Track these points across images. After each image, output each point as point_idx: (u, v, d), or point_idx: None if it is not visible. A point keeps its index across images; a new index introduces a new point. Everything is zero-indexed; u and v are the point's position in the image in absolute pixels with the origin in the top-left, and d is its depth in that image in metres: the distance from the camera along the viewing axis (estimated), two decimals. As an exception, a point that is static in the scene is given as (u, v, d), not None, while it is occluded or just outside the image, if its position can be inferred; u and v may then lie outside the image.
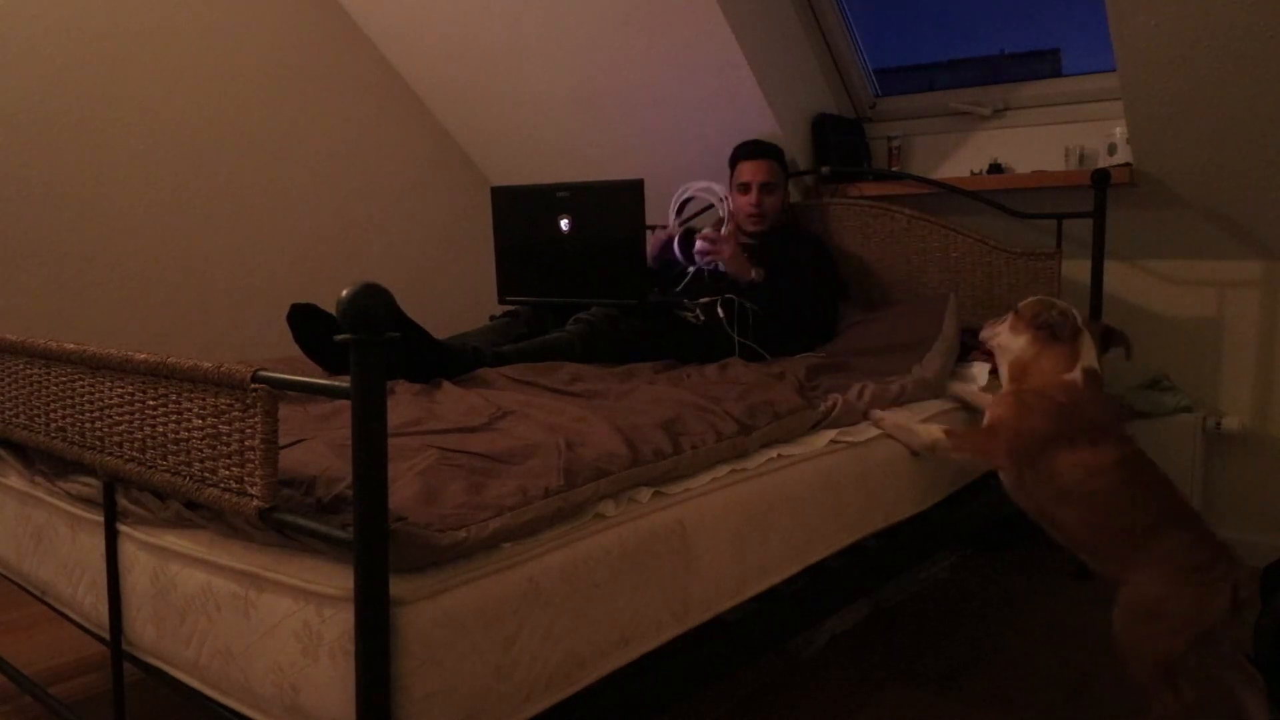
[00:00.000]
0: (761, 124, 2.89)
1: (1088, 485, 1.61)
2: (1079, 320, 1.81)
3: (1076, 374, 1.75)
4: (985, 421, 1.80)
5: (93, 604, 1.30)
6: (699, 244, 2.51)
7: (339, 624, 0.95)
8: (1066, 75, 2.81)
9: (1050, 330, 1.78)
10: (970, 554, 2.74)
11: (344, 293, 0.84)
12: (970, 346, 2.35)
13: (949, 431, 1.80)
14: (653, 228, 3.36)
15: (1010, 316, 1.88)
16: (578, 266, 2.24)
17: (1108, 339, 1.89)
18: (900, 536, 1.82)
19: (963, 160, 2.95)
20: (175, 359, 1.09)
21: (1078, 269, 2.76)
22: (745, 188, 2.68)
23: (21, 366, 1.38)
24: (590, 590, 1.14)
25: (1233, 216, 2.46)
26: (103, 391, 1.21)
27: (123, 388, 1.18)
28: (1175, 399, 2.64)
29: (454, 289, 3.65)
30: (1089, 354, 1.78)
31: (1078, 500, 1.62)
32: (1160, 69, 2.14)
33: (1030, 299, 1.89)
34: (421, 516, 0.99)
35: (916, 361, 2.13)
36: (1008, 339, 1.85)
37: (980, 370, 2.23)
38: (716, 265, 2.51)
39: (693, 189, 2.66)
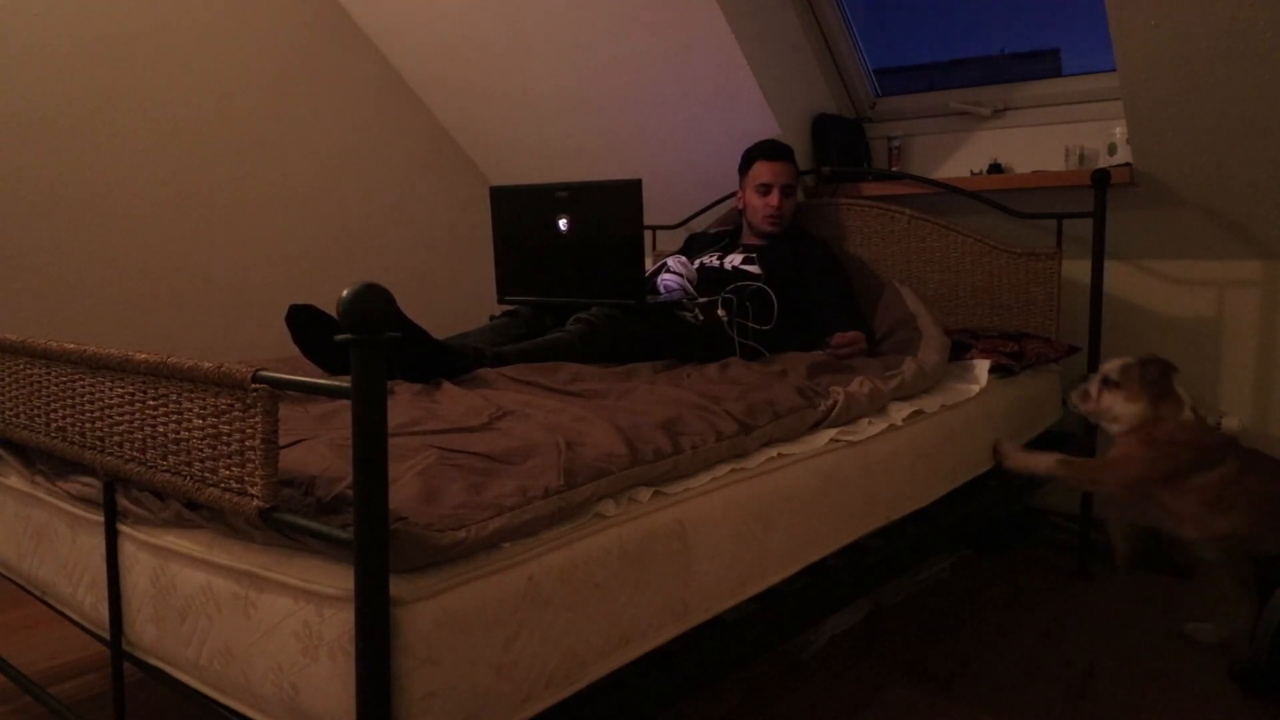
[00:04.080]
0: (761, 124, 2.89)
1: (1234, 493, 1.90)
2: (1170, 367, 2.06)
3: (1188, 413, 2.01)
4: (1111, 456, 2.07)
5: (93, 604, 1.30)
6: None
7: (339, 624, 0.95)
8: (1066, 75, 2.81)
9: (1159, 388, 2.03)
10: (970, 554, 2.74)
11: (344, 293, 0.84)
12: (965, 345, 2.36)
13: (1063, 461, 2.08)
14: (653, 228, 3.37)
15: (1111, 388, 2.08)
16: (577, 266, 2.24)
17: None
18: (900, 536, 1.82)
19: (963, 160, 2.95)
20: (175, 359, 1.09)
21: (1078, 269, 2.76)
22: (766, 189, 2.65)
23: (21, 366, 1.38)
24: (590, 590, 1.14)
25: (1233, 216, 2.46)
26: (103, 391, 1.21)
27: (123, 388, 1.18)
28: (1175, 399, 2.64)
29: (454, 289, 3.65)
30: (1184, 393, 2.04)
31: (1237, 505, 1.90)
32: (1160, 69, 2.14)
33: (1119, 363, 2.09)
34: (421, 516, 0.99)
35: (912, 354, 2.15)
36: (1124, 408, 2.06)
37: (981, 368, 2.24)
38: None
39: (668, 279, 2.52)
